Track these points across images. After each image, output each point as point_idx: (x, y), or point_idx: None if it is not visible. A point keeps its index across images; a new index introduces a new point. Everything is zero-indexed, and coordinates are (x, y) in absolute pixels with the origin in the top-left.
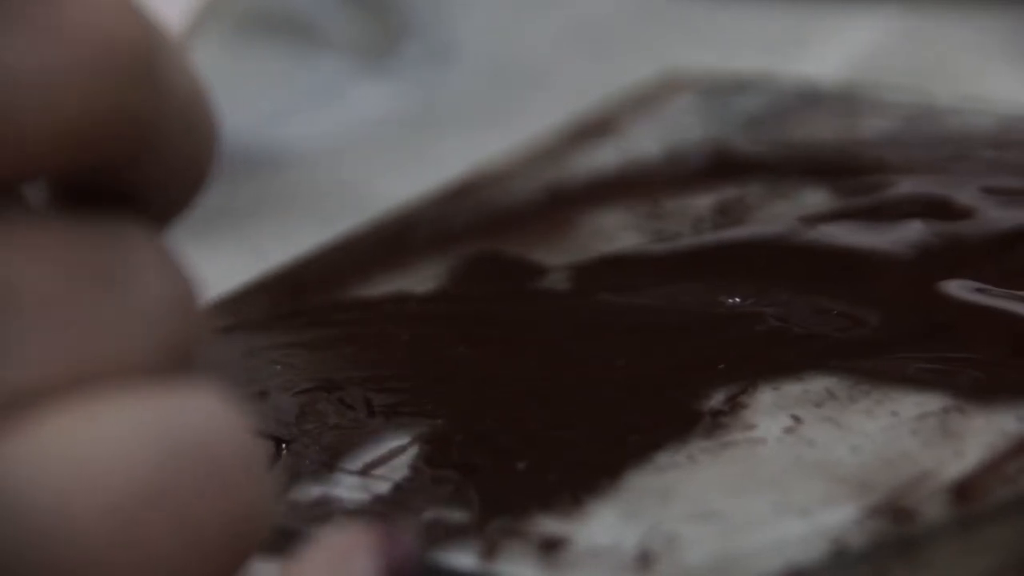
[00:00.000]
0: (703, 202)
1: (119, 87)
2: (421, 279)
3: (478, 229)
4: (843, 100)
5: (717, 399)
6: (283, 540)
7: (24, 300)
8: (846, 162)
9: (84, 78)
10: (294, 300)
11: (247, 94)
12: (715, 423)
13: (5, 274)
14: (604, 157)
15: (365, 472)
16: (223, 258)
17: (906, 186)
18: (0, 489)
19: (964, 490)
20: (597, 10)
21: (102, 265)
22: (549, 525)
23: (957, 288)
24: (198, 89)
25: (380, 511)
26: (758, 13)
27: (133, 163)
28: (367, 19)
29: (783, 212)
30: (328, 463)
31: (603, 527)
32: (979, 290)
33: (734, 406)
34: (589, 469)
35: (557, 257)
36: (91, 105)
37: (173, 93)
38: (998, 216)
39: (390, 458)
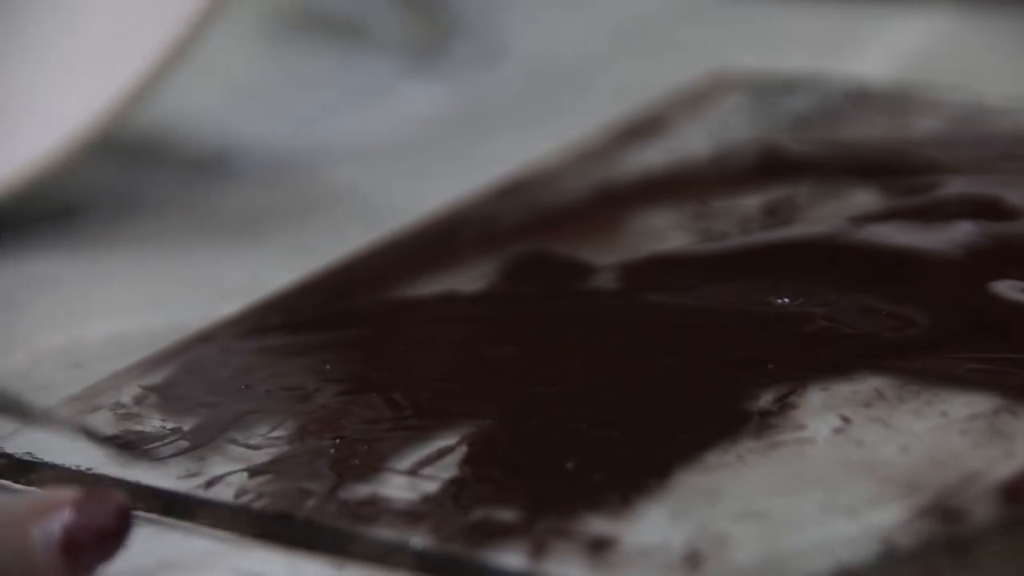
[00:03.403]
0: (752, 202)
1: None
2: (469, 279)
3: (527, 228)
4: (892, 100)
5: (766, 399)
6: (334, 540)
7: None
8: (895, 162)
9: None
10: (342, 300)
11: (296, 93)
12: (764, 423)
13: None
14: (653, 157)
15: (414, 472)
16: (271, 258)
17: (956, 186)
18: None
19: (1014, 491)
20: (645, 10)
21: None
22: (597, 525)
23: (1007, 288)
24: None
25: (426, 510)
26: (807, 13)
27: None
28: (415, 19)
29: (832, 212)
30: (377, 463)
31: (651, 527)
32: None
33: (783, 406)
34: (637, 469)
35: (606, 256)
36: None
37: None
38: None
39: (438, 458)
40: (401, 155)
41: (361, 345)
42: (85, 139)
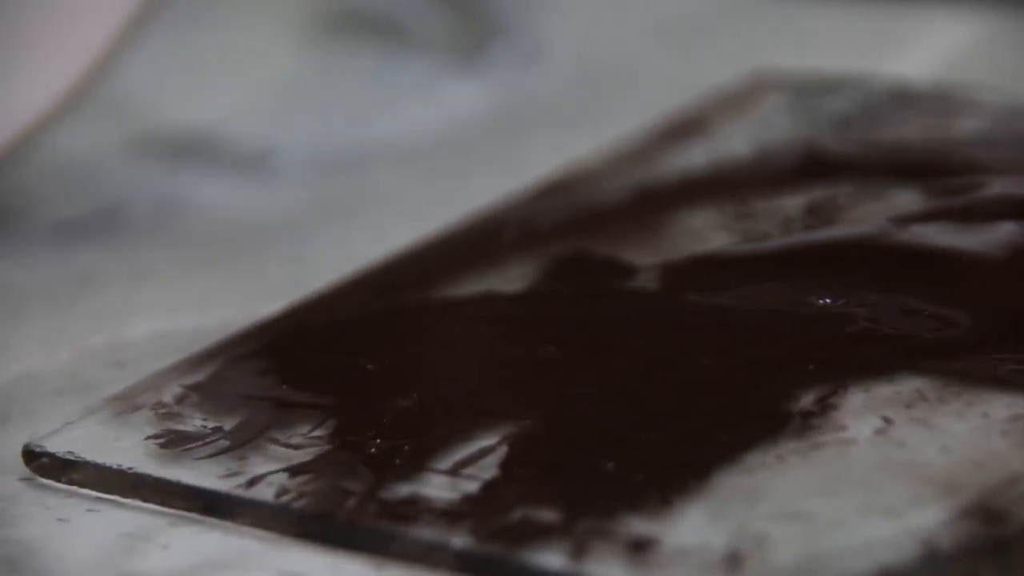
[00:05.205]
0: (793, 202)
1: None
2: (510, 279)
3: (567, 228)
4: (935, 100)
5: (807, 400)
6: (374, 540)
7: None
8: (937, 162)
9: None
10: (384, 299)
11: (337, 93)
12: (805, 424)
13: None
14: (694, 157)
15: (454, 471)
16: (314, 257)
17: (998, 186)
18: None
19: None
20: (687, 9)
21: None
22: (637, 525)
23: None
24: None
25: (466, 510)
26: (849, 13)
27: None
28: (456, 18)
29: (873, 212)
30: (417, 462)
31: (691, 527)
32: None
33: (824, 407)
34: (677, 469)
35: (646, 257)
36: None
37: None
38: None
39: (479, 458)
40: (442, 155)
41: (402, 345)
42: (60, 106)
